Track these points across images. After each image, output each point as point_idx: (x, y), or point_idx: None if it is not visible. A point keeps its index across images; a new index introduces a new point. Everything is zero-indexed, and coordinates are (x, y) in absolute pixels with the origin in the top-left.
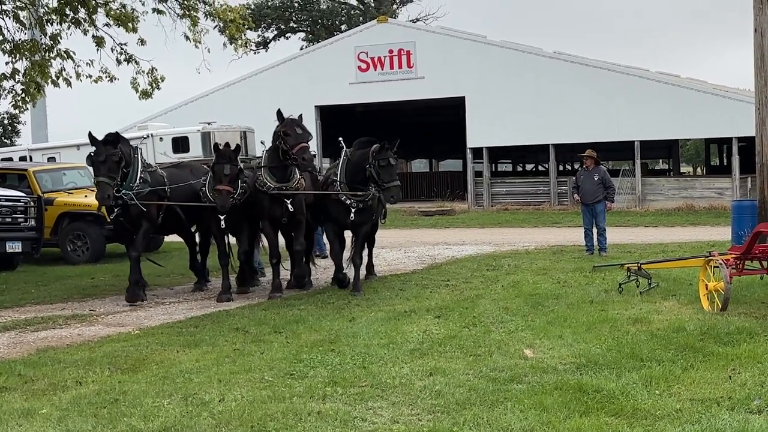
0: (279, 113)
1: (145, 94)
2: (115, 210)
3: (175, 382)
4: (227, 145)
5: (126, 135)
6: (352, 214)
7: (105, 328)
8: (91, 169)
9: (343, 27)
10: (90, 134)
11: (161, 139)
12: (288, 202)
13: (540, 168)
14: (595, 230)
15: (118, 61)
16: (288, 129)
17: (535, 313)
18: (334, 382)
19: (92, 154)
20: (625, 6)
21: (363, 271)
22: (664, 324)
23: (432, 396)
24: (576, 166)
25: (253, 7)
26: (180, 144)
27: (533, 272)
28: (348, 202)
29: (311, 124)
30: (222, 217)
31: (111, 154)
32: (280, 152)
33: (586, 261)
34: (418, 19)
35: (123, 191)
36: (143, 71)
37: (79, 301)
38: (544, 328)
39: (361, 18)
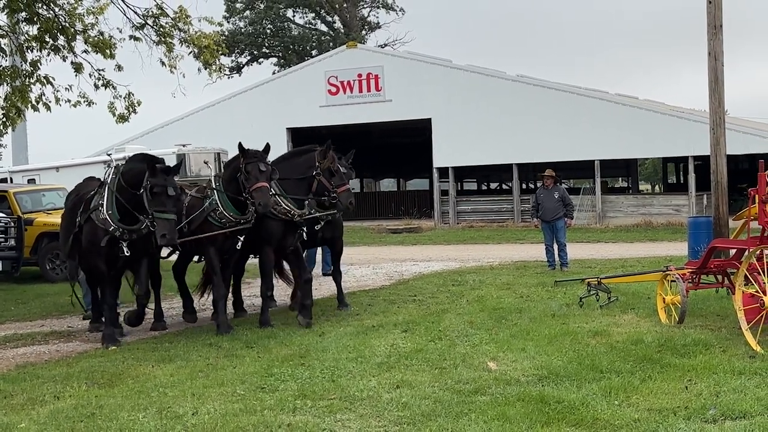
0: (328, 146)
1: (122, 118)
2: (123, 243)
3: (150, 396)
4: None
5: (104, 157)
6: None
7: (82, 344)
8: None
9: (313, 52)
10: (153, 159)
11: None
12: (304, 230)
13: (504, 186)
14: (556, 246)
15: (96, 86)
16: (335, 167)
17: (499, 327)
18: (303, 395)
19: (156, 183)
20: (584, 31)
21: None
22: (623, 336)
23: (399, 408)
24: (539, 184)
25: (226, 33)
26: None
27: (497, 287)
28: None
29: (282, 145)
30: (241, 238)
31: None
32: (314, 185)
33: (548, 276)
34: (386, 45)
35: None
36: (120, 96)
37: (58, 318)
38: (507, 341)
39: (331, 44)
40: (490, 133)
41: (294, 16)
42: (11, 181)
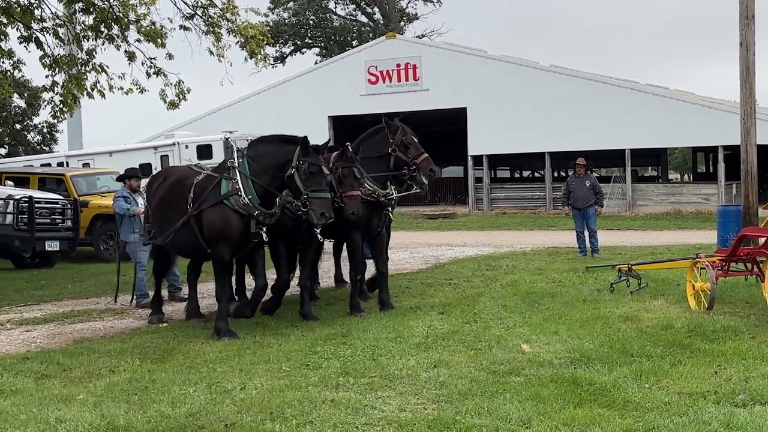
0: (386, 121)
1: (173, 105)
2: (262, 229)
3: (200, 371)
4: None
5: (154, 143)
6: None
7: (135, 321)
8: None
9: (354, 43)
10: (294, 138)
11: (186, 146)
12: (390, 211)
13: (536, 174)
14: (586, 233)
15: (148, 74)
16: (408, 139)
17: (532, 311)
18: (346, 373)
19: (312, 162)
20: (616, 22)
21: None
22: (653, 322)
23: (436, 386)
24: (570, 173)
25: (271, 24)
26: (204, 151)
27: (530, 272)
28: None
29: (324, 132)
30: (318, 231)
31: None
32: (391, 162)
33: (579, 262)
34: (423, 35)
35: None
36: (171, 83)
37: (112, 295)
38: (540, 325)
39: (371, 34)
40: (523, 122)
41: (336, 7)
42: (67, 165)
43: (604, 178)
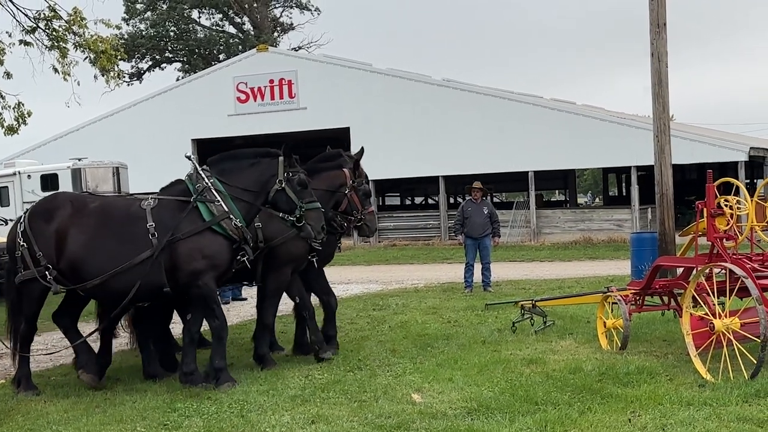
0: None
1: (11, 130)
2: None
3: None
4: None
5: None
6: None
7: None
8: None
9: (221, 56)
10: (270, 151)
11: (29, 176)
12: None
13: (429, 201)
14: (479, 266)
15: None
16: (358, 166)
17: (424, 355)
18: None
19: (300, 173)
20: (515, 34)
21: None
22: (560, 365)
23: None
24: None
25: (126, 36)
26: (49, 181)
27: (422, 311)
28: None
29: None
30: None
31: None
32: (343, 203)
33: (477, 299)
34: (300, 47)
35: None
36: (9, 106)
37: None
38: (433, 371)
39: (240, 47)
40: (414, 143)
41: (199, 17)
42: None
43: (505, 204)
